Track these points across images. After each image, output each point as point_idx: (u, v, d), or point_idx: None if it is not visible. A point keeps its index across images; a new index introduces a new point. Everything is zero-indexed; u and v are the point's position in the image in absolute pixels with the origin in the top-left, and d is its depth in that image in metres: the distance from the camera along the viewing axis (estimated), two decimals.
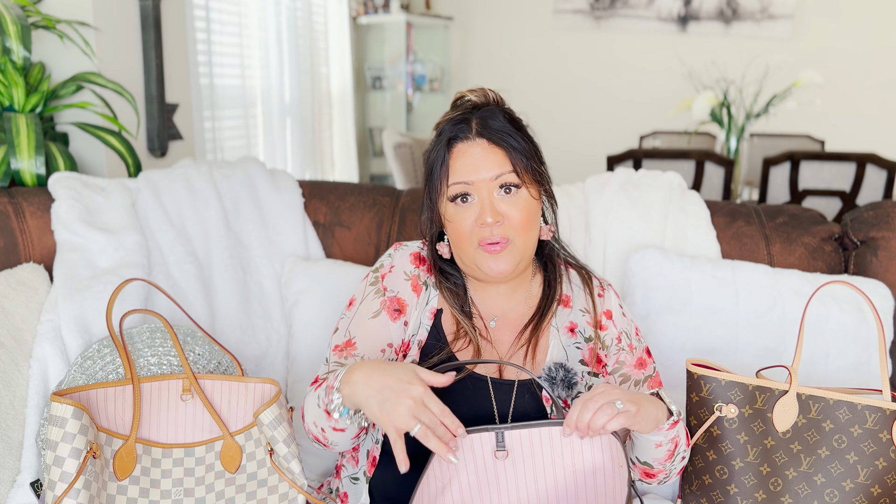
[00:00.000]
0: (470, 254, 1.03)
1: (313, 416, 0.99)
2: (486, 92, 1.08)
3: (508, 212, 1.01)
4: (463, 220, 1.02)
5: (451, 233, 1.05)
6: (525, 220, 1.02)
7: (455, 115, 1.06)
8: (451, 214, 1.03)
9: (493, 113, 1.04)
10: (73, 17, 1.73)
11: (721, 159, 2.85)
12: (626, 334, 1.11)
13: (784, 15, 4.17)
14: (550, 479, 0.93)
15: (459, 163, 1.02)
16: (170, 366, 1.16)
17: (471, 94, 1.08)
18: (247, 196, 1.56)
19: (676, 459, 1.02)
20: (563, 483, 0.93)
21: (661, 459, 1.00)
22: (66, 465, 0.94)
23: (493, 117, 1.04)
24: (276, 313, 1.49)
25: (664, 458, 0.99)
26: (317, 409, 0.97)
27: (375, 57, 4.71)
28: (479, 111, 1.05)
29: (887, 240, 1.45)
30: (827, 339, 1.35)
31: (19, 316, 1.23)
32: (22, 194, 1.41)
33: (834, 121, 4.12)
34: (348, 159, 4.32)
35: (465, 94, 1.09)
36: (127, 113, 1.86)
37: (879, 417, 1.02)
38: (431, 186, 1.05)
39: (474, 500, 0.93)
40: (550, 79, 4.70)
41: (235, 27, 3.09)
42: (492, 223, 1.00)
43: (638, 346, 1.11)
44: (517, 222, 1.01)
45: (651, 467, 1.01)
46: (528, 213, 1.02)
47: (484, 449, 0.91)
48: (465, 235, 1.02)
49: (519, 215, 1.01)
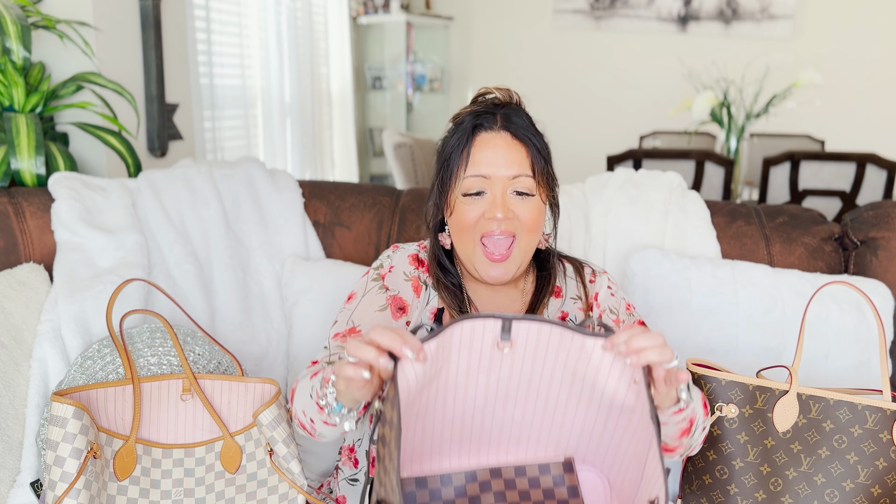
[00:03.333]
0: (470, 249, 1.04)
1: (303, 404, 0.95)
2: (511, 92, 1.09)
3: (519, 210, 1.02)
4: (470, 210, 1.02)
5: (455, 223, 1.05)
6: (533, 221, 1.03)
7: (478, 108, 1.06)
8: (460, 205, 1.03)
9: (517, 111, 1.05)
10: (73, 17, 1.73)
11: (721, 159, 2.85)
12: (611, 310, 1.11)
13: (784, 15, 4.17)
14: (547, 376, 0.86)
15: (481, 153, 1.02)
16: (170, 366, 1.16)
17: (496, 91, 1.08)
18: (247, 196, 1.56)
19: (695, 434, 0.97)
20: (559, 383, 0.87)
21: (674, 436, 0.95)
22: (66, 465, 0.94)
23: (517, 115, 1.05)
24: (276, 313, 1.49)
25: (676, 435, 0.94)
26: (308, 399, 0.93)
27: (375, 57, 4.71)
28: (504, 108, 1.05)
29: (887, 240, 1.45)
30: (827, 339, 1.35)
31: (19, 316, 1.23)
32: (22, 194, 1.41)
33: (834, 121, 4.12)
34: (348, 159, 4.32)
35: (489, 90, 1.09)
36: (127, 113, 1.86)
37: (880, 418, 1.02)
38: (447, 171, 1.04)
39: (458, 386, 0.86)
40: (550, 79, 4.70)
41: (235, 27, 3.09)
42: (501, 218, 1.00)
43: (627, 321, 1.11)
44: (525, 221, 1.02)
45: (666, 443, 0.97)
46: (537, 215, 1.04)
47: (485, 338, 0.83)
48: (468, 227, 1.03)
49: (528, 215, 1.02)
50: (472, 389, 0.87)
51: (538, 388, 0.88)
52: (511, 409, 0.90)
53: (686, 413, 0.90)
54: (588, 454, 0.95)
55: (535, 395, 0.89)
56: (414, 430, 0.89)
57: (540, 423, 0.92)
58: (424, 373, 0.81)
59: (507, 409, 0.90)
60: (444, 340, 0.80)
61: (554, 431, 0.93)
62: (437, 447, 0.93)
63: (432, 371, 0.82)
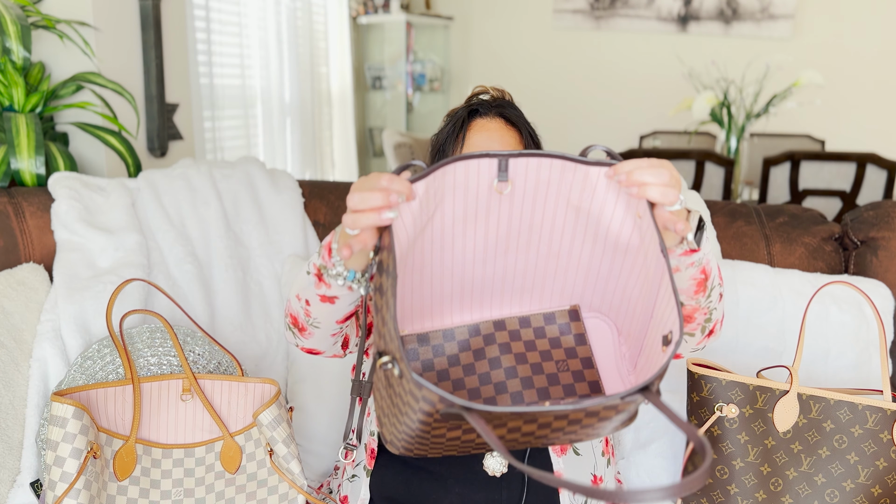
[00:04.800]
0: None
1: (300, 286, 0.89)
2: (504, 92, 1.12)
3: None
4: None
5: None
6: None
7: (472, 104, 1.09)
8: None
9: (511, 104, 1.08)
10: (72, 17, 1.73)
11: (721, 159, 2.85)
12: None
13: (784, 15, 4.17)
14: (549, 217, 0.82)
15: (475, 136, 1.04)
16: (170, 366, 1.16)
17: (490, 90, 1.11)
18: (247, 196, 1.56)
19: (712, 294, 0.88)
20: (563, 222, 0.82)
21: (689, 291, 0.87)
22: (66, 465, 0.94)
23: (511, 107, 1.07)
24: (276, 313, 1.49)
25: (691, 289, 0.86)
26: (306, 276, 0.87)
27: (375, 57, 4.71)
28: (498, 102, 1.08)
29: (887, 240, 1.45)
30: (827, 339, 1.35)
31: (19, 316, 1.23)
32: (22, 194, 1.41)
33: (834, 121, 4.12)
34: (348, 159, 4.32)
35: (484, 88, 1.11)
36: (127, 113, 1.86)
37: (880, 418, 1.02)
38: (441, 157, 1.06)
39: (456, 235, 0.82)
40: (550, 79, 4.70)
41: (235, 27, 3.09)
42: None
43: None
44: None
45: (682, 304, 0.89)
46: None
47: (480, 180, 0.78)
48: None
49: None
50: (469, 239, 0.83)
51: (540, 231, 0.83)
52: (513, 258, 0.86)
53: (698, 257, 0.83)
54: (594, 300, 0.91)
55: (538, 240, 0.84)
56: (412, 285, 0.85)
57: (543, 271, 0.88)
58: (415, 219, 0.76)
59: (509, 258, 0.86)
60: (436, 182, 0.75)
61: (559, 278, 0.89)
62: (437, 302, 0.89)
63: (424, 217, 0.77)
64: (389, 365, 0.67)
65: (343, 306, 0.88)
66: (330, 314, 0.89)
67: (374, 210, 0.72)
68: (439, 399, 0.62)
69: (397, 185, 0.72)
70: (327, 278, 0.83)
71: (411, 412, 0.67)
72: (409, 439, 0.72)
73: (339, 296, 0.85)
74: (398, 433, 0.73)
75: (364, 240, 0.75)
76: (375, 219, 0.72)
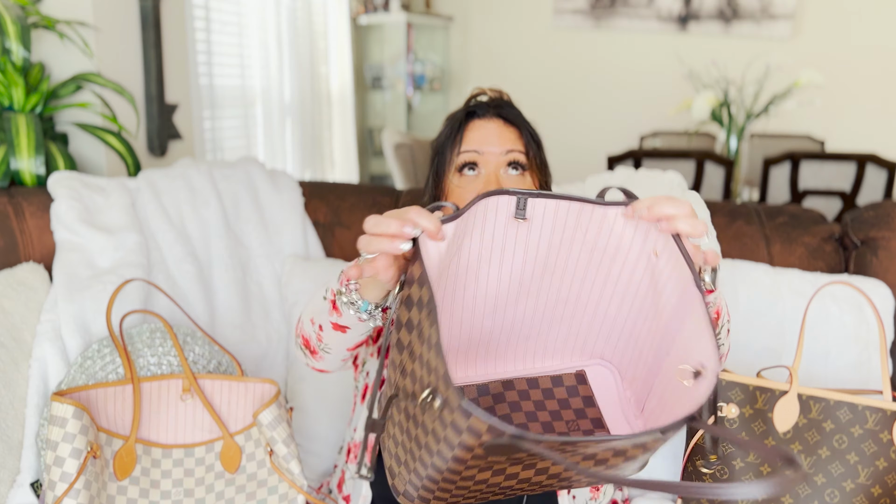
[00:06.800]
0: None
1: (314, 310, 0.90)
2: (502, 93, 1.12)
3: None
4: (464, 192, 1.02)
5: None
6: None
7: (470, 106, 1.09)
8: (454, 187, 1.03)
9: (509, 104, 1.09)
10: (72, 17, 1.73)
11: (721, 159, 2.85)
12: None
13: (784, 15, 4.17)
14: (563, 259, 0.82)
15: (473, 133, 1.04)
16: (170, 366, 1.16)
17: (488, 91, 1.12)
18: (247, 196, 1.56)
19: (721, 332, 0.91)
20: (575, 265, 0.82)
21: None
22: (66, 465, 0.94)
23: (509, 107, 1.08)
24: (276, 313, 1.49)
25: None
26: (322, 301, 0.88)
27: (375, 57, 4.71)
28: (495, 102, 1.09)
29: (887, 240, 1.45)
30: (827, 339, 1.35)
31: (19, 316, 1.23)
32: (22, 194, 1.41)
33: (834, 121, 4.12)
34: (348, 159, 4.32)
35: (482, 90, 1.12)
36: (127, 113, 1.86)
37: (880, 418, 1.02)
38: (440, 159, 1.05)
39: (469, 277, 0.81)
40: (550, 78, 4.70)
41: (235, 27, 3.09)
42: None
43: None
44: None
45: None
46: None
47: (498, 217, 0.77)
48: None
49: None
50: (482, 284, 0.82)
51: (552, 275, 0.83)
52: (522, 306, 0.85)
53: (713, 297, 0.83)
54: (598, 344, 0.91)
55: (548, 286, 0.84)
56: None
57: (550, 317, 0.87)
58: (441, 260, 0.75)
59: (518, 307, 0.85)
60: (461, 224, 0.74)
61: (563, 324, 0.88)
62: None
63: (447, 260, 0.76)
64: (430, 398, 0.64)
65: (354, 336, 0.89)
66: (341, 342, 0.91)
67: (386, 236, 0.71)
68: (487, 429, 0.58)
69: (423, 220, 0.70)
70: (340, 305, 0.84)
71: (446, 448, 0.63)
72: (431, 485, 0.68)
73: (351, 326, 0.86)
74: (418, 480, 0.70)
75: (376, 267, 0.75)
76: (387, 245, 0.71)
